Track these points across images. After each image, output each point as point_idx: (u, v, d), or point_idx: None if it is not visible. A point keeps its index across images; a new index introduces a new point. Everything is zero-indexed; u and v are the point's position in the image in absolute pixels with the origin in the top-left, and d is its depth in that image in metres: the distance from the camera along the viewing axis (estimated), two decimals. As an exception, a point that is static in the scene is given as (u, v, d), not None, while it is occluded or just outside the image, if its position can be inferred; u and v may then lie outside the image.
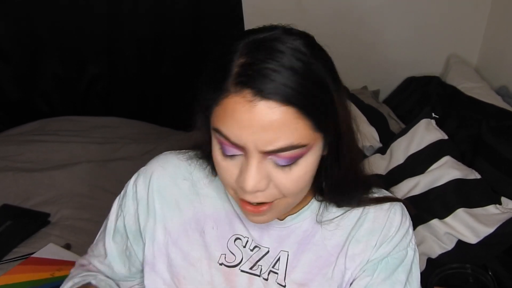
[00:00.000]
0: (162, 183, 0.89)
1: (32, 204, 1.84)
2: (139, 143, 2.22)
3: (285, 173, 0.71)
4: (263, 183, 0.70)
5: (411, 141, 1.78)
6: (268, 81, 0.66)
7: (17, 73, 2.35)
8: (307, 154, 0.71)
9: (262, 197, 0.72)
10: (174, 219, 0.88)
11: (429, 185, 1.63)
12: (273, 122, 0.66)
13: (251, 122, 0.66)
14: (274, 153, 0.69)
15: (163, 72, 2.40)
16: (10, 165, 2.03)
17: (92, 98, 2.46)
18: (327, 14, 2.25)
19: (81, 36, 2.31)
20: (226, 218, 0.87)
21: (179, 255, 0.87)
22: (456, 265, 1.43)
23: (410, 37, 2.37)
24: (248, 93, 0.66)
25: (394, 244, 0.83)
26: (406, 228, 0.84)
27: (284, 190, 0.72)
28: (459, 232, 1.49)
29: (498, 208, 1.55)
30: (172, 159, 0.91)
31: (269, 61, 0.67)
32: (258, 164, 0.69)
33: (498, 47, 2.30)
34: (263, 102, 0.66)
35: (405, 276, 0.83)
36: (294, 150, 0.68)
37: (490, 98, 2.01)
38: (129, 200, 0.91)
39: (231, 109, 0.68)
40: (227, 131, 0.69)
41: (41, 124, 2.36)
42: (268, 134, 0.67)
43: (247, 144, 0.68)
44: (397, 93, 2.40)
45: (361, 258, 0.83)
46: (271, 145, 0.67)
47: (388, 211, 0.84)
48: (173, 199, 0.89)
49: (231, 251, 0.86)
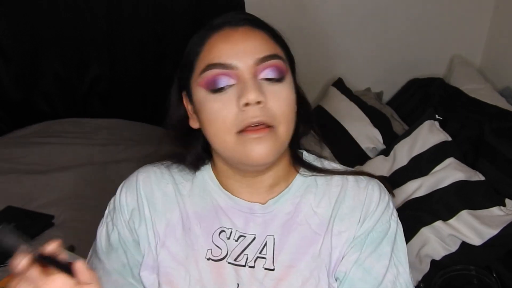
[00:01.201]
0: (148, 190, 0.92)
1: (36, 206, 1.84)
2: (142, 144, 2.22)
3: (275, 91, 0.80)
4: (262, 94, 0.78)
5: (414, 143, 1.78)
6: (240, 15, 0.88)
7: (19, 74, 2.35)
8: (287, 75, 0.83)
9: (262, 115, 0.78)
10: (162, 222, 0.90)
11: (433, 187, 1.63)
12: (255, 35, 0.83)
13: (236, 39, 0.81)
14: (264, 62, 0.80)
15: (165, 73, 2.40)
16: (14, 167, 2.03)
17: (94, 99, 2.47)
18: (329, 15, 2.24)
19: (82, 37, 2.31)
20: (210, 212, 0.89)
21: (168, 257, 0.88)
22: (460, 267, 1.43)
23: (413, 38, 2.36)
24: (228, 26, 0.84)
25: (376, 218, 0.86)
26: (386, 202, 0.88)
27: (278, 109, 0.79)
28: (463, 234, 1.49)
29: (502, 209, 1.54)
30: (152, 169, 0.95)
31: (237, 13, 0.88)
32: (252, 79, 0.79)
33: (501, 48, 2.30)
34: (241, 27, 0.84)
35: (390, 248, 0.85)
36: (278, 59, 0.81)
37: (494, 99, 2.01)
38: (120, 213, 0.92)
39: (215, 40, 0.83)
40: (220, 56, 0.81)
41: (44, 126, 2.37)
42: (254, 43, 0.81)
43: (240, 62, 0.79)
44: (400, 94, 2.40)
45: (347, 235, 0.85)
46: (259, 53, 0.80)
47: (366, 188, 0.88)
48: (159, 203, 0.91)
49: (217, 244, 0.88)
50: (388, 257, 0.85)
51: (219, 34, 0.83)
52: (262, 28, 0.85)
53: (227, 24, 0.84)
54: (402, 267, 0.86)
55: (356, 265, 0.84)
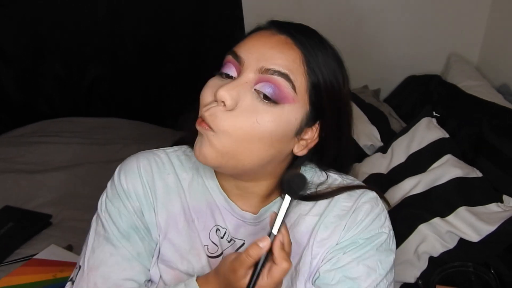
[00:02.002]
0: (150, 179, 0.90)
1: (34, 206, 1.84)
2: (140, 144, 2.22)
3: (255, 110, 0.75)
4: (232, 98, 0.75)
5: (412, 140, 1.78)
6: (296, 27, 0.82)
7: (19, 75, 2.35)
8: (287, 106, 0.76)
9: (212, 112, 0.76)
10: (163, 213, 0.89)
11: (431, 184, 1.63)
12: (285, 49, 0.77)
13: (264, 42, 0.78)
14: (267, 73, 0.75)
15: (165, 73, 2.40)
16: (12, 166, 2.03)
17: (94, 100, 2.47)
18: (327, 14, 2.24)
19: (82, 37, 2.31)
20: (207, 209, 0.89)
21: (171, 249, 0.88)
22: (458, 264, 1.43)
23: (410, 35, 2.36)
24: (275, 28, 0.81)
25: (363, 227, 0.85)
26: (376, 213, 0.86)
27: (235, 124, 0.75)
28: (461, 231, 1.49)
29: (500, 206, 1.55)
30: (152, 156, 0.93)
31: (304, 26, 0.84)
32: (242, 84, 0.76)
33: (498, 45, 2.30)
34: (283, 36, 0.80)
35: (375, 256, 0.84)
36: (285, 80, 0.75)
37: (491, 96, 2.00)
38: (128, 200, 0.89)
39: (254, 34, 0.82)
40: (240, 47, 0.80)
41: (42, 125, 2.36)
42: (272, 51, 0.77)
43: (248, 58, 0.77)
44: (398, 92, 2.40)
45: (329, 242, 0.85)
46: (270, 63, 0.76)
47: (358, 198, 0.87)
48: (160, 193, 0.90)
49: (213, 241, 0.88)
50: (371, 264, 0.83)
51: (261, 31, 0.83)
52: (301, 48, 0.78)
53: (273, 27, 0.82)
54: (384, 277, 0.84)
55: (337, 269, 0.83)
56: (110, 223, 0.88)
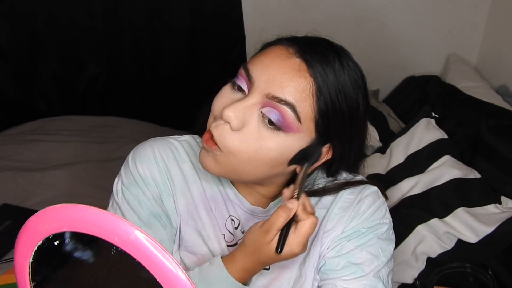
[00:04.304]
0: (166, 165, 0.90)
1: (32, 204, 1.83)
2: (138, 142, 2.20)
3: (259, 134, 0.76)
4: (238, 120, 0.75)
5: (410, 141, 1.78)
6: (315, 52, 0.77)
7: (16, 73, 2.34)
8: (290, 135, 0.76)
9: (219, 131, 0.77)
10: (182, 200, 0.89)
11: (429, 185, 1.63)
12: (296, 75, 0.75)
13: (277, 65, 0.76)
14: (273, 100, 0.75)
15: (162, 71, 2.40)
16: (9, 164, 2.02)
17: (91, 98, 2.46)
18: (326, 14, 2.24)
19: (80, 35, 2.30)
20: (221, 199, 0.91)
21: (193, 235, 0.89)
22: (456, 265, 1.43)
23: (409, 36, 2.36)
24: (294, 49, 0.78)
25: (366, 217, 0.88)
26: (377, 206, 0.89)
27: (238, 146, 0.76)
28: (459, 232, 1.49)
29: (498, 207, 1.55)
30: (167, 144, 0.93)
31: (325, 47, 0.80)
32: (249, 106, 0.76)
33: (497, 46, 2.30)
34: (299, 60, 0.77)
35: (377, 243, 0.87)
36: (290, 110, 0.75)
37: (490, 97, 2.01)
38: (146, 187, 0.88)
39: (271, 51, 0.79)
40: (254, 64, 0.78)
41: (40, 123, 2.36)
42: (283, 77, 0.75)
43: (258, 80, 0.76)
44: (397, 92, 2.40)
45: (335, 232, 0.87)
46: (278, 90, 0.75)
47: (361, 192, 0.90)
48: (177, 180, 0.90)
49: (229, 230, 0.90)
50: (374, 250, 0.86)
51: (278, 48, 0.79)
52: (313, 78, 0.76)
53: (293, 47, 0.79)
54: (386, 264, 0.87)
55: (341, 256, 0.86)
56: (129, 211, 0.87)
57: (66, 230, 0.50)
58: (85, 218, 0.49)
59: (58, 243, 0.50)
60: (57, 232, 0.50)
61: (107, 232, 0.47)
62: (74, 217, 0.49)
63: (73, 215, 0.49)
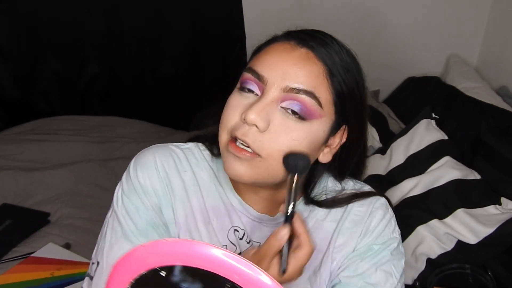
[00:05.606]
0: (167, 174, 0.88)
1: (32, 203, 1.83)
2: (138, 142, 2.22)
3: (289, 127, 0.76)
4: (263, 120, 0.75)
5: (411, 141, 1.78)
6: (315, 39, 0.79)
7: (17, 72, 2.35)
8: (314, 122, 0.77)
9: (251, 139, 0.76)
10: (181, 210, 0.87)
11: (429, 185, 1.63)
12: (306, 64, 0.76)
13: (286, 59, 0.77)
14: (292, 93, 0.75)
15: (163, 71, 2.40)
16: (10, 164, 2.02)
17: (92, 97, 2.46)
18: (327, 14, 2.24)
19: (81, 35, 2.30)
20: (224, 209, 0.89)
21: None
22: (455, 265, 1.43)
23: (410, 37, 2.37)
24: (295, 41, 0.79)
25: (377, 234, 0.88)
26: (388, 219, 0.90)
27: (274, 145, 0.76)
28: (459, 233, 1.49)
29: (498, 208, 1.55)
30: (169, 152, 0.91)
31: (320, 34, 0.81)
32: (268, 104, 0.76)
33: (498, 47, 2.30)
34: (304, 49, 0.78)
35: (390, 261, 0.87)
36: (310, 98, 0.75)
37: (490, 98, 2.01)
38: (145, 195, 0.86)
39: (272, 49, 0.79)
40: (260, 64, 0.78)
41: (40, 123, 2.36)
42: (295, 68, 0.76)
43: (271, 77, 0.76)
44: (397, 93, 2.40)
45: (346, 248, 0.87)
46: (294, 81, 0.75)
47: (371, 205, 0.90)
48: (178, 190, 0.88)
49: (231, 241, 0.88)
50: (387, 268, 0.86)
51: (279, 45, 0.80)
52: (323, 62, 0.78)
53: (292, 40, 0.80)
54: (399, 281, 0.87)
55: (357, 276, 0.85)
56: (127, 219, 0.85)
57: (179, 264, 0.48)
58: (203, 256, 0.48)
59: (166, 274, 0.49)
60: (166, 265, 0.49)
61: (227, 271, 0.47)
62: (190, 254, 0.48)
63: (189, 251, 0.49)
